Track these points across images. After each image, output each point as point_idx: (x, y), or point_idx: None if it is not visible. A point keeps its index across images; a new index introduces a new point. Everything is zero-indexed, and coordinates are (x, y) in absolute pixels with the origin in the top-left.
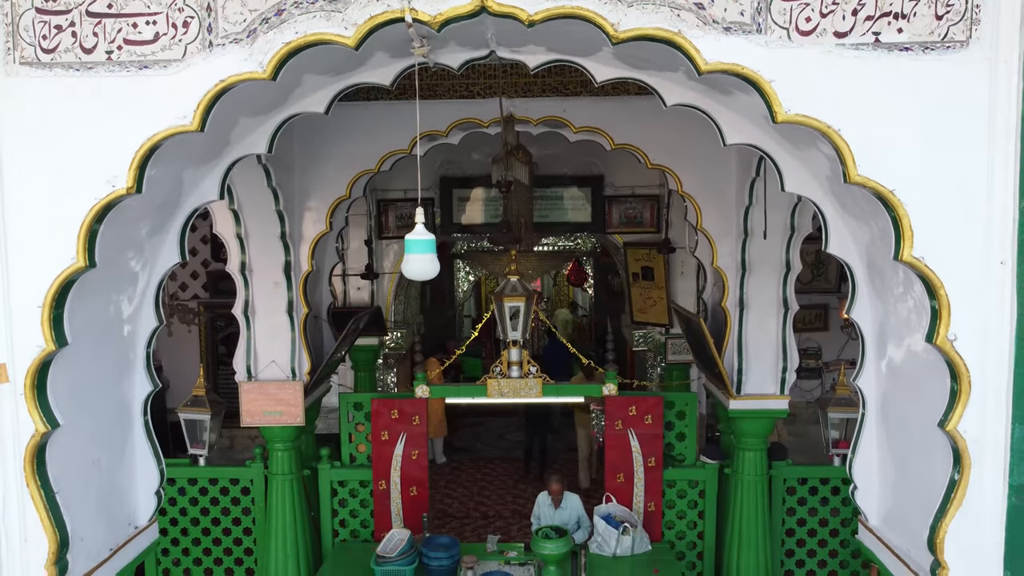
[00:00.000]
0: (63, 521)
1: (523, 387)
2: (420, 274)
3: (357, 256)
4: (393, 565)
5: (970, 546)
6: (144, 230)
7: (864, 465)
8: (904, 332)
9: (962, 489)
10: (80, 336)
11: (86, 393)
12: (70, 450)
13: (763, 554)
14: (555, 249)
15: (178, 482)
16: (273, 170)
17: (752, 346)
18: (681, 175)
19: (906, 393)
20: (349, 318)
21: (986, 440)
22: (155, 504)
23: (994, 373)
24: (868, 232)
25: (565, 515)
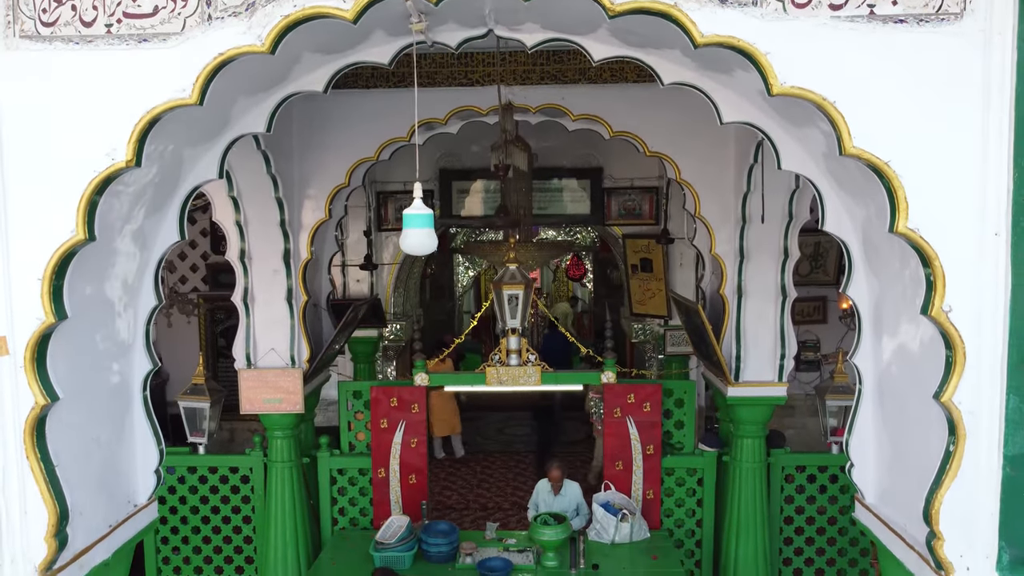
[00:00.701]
0: (63, 494)
1: (522, 375)
2: (418, 248)
3: (356, 248)
4: (392, 551)
5: (965, 517)
6: (143, 208)
7: (860, 442)
8: (900, 307)
9: (957, 460)
10: (80, 311)
11: (85, 369)
12: (69, 425)
13: (761, 542)
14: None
15: (178, 470)
16: (272, 157)
17: (750, 333)
18: (679, 162)
19: (902, 368)
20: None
21: (981, 411)
22: (154, 482)
23: (989, 344)
24: (864, 210)
25: (564, 502)
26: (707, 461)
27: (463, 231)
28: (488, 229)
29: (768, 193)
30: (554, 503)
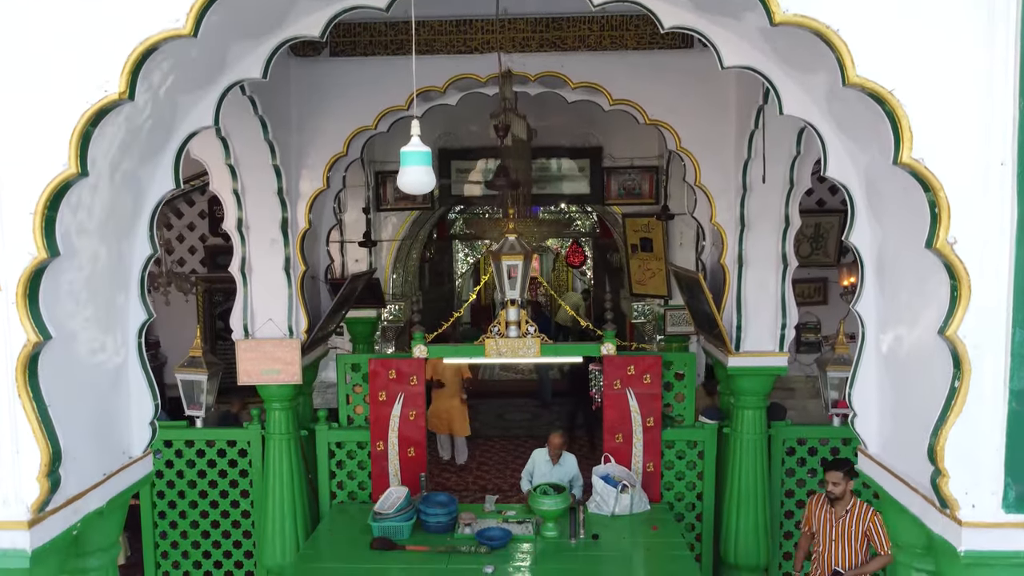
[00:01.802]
0: (55, 434)
1: (521, 347)
2: (416, 186)
3: (355, 228)
4: (390, 521)
5: (970, 453)
6: (137, 151)
7: (863, 392)
8: (903, 249)
9: (962, 396)
10: (72, 252)
11: (79, 313)
12: (62, 368)
13: (762, 515)
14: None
15: (175, 444)
16: (270, 123)
17: (751, 303)
18: (679, 130)
19: (905, 311)
20: None
21: (986, 345)
22: (149, 435)
23: (994, 276)
24: (867, 155)
25: (561, 472)
26: (708, 434)
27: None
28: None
29: (769, 160)
30: (551, 473)
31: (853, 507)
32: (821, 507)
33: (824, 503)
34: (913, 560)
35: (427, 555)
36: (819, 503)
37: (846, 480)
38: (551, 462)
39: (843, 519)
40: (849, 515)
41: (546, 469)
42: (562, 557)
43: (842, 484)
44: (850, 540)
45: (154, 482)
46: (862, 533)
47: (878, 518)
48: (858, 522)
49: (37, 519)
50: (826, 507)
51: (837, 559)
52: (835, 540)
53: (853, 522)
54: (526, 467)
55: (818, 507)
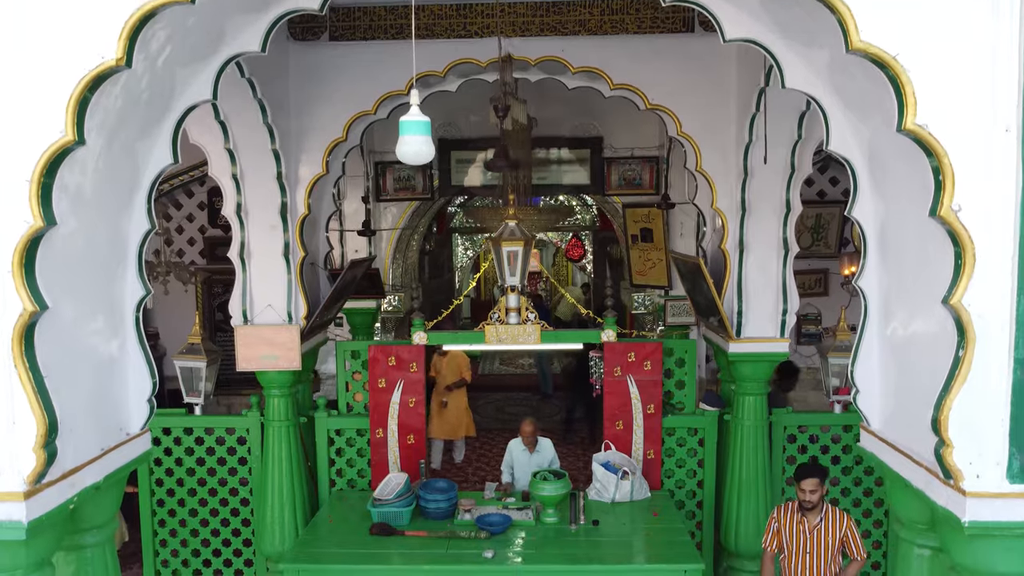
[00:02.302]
0: (51, 405)
1: (521, 334)
2: (414, 157)
3: (354, 218)
4: (390, 507)
5: (975, 423)
6: (135, 124)
7: (865, 368)
8: (906, 221)
9: (966, 365)
10: (70, 223)
11: (76, 286)
12: (59, 340)
13: (763, 503)
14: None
15: (174, 431)
16: (269, 107)
17: (752, 288)
18: (680, 115)
19: (909, 283)
20: None
21: (991, 313)
22: (147, 412)
23: (998, 244)
24: (870, 128)
25: (540, 458)
26: (708, 421)
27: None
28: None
29: (770, 145)
30: (530, 461)
31: (827, 515)
32: (790, 518)
33: (794, 514)
34: (916, 536)
35: (426, 540)
36: (788, 514)
37: (822, 487)
38: (527, 450)
39: (817, 529)
40: (824, 524)
41: (524, 458)
42: (562, 542)
43: (819, 491)
44: (826, 551)
45: (152, 469)
46: (839, 541)
47: (853, 523)
48: (834, 530)
49: (33, 491)
50: (796, 518)
51: (812, 573)
52: (809, 553)
53: (829, 531)
54: (504, 460)
55: (788, 519)
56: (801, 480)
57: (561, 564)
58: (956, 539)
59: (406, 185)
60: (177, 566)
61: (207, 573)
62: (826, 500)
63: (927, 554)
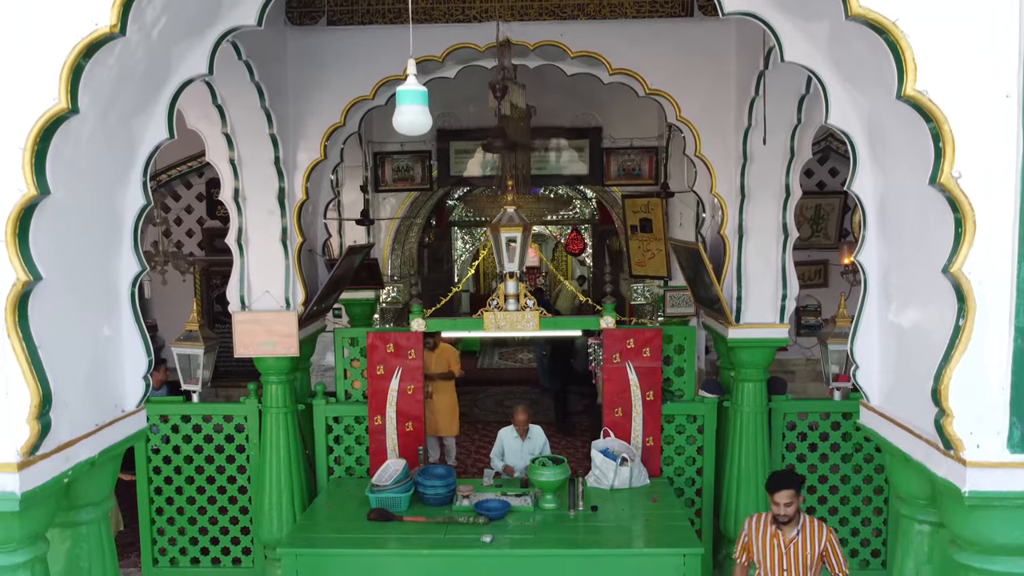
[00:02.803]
0: (45, 377)
1: (520, 320)
2: (411, 126)
3: (352, 209)
4: (388, 493)
5: (975, 392)
6: (130, 97)
7: (865, 344)
8: (906, 192)
9: (966, 333)
10: (64, 194)
11: (71, 259)
12: (53, 313)
13: (763, 490)
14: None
15: (171, 419)
16: (266, 91)
17: (751, 274)
18: (679, 100)
19: (909, 254)
20: None
21: (991, 281)
22: (143, 389)
23: (999, 211)
24: (870, 101)
25: (531, 445)
26: (708, 408)
27: (461, 205)
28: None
29: (770, 129)
30: (522, 449)
31: (804, 528)
32: (763, 531)
33: (767, 526)
34: (916, 512)
35: (424, 525)
36: (760, 526)
37: (798, 498)
38: (520, 438)
39: (794, 543)
40: (801, 537)
41: (516, 445)
42: (561, 527)
43: (795, 503)
44: (803, 566)
45: (150, 457)
46: (818, 555)
47: (834, 535)
48: (812, 543)
49: (27, 462)
50: (770, 530)
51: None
52: (786, 569)
53: (806, 544)
54: (494, 448)
55: (760, 531)
56: (775, 492)
57: (560, 548)
58: (956, 511)
59: (405, 176)
60: (175, 554)
61: (205, 561)
62: (803, 510)
63: (927, 530)
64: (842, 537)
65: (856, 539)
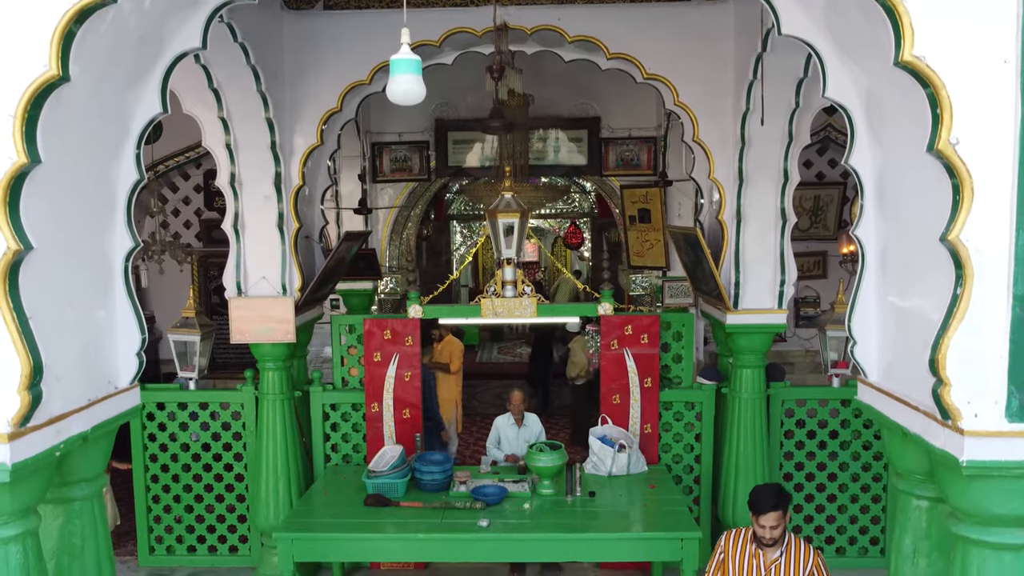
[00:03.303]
0: (36, 348)
1: (517, 307)
2: (405, 95)
3: (350, 199)
4: (385, 478)
5: (973, 361)
6: (123, 70)
7: (863, 319)
8: (904, 165)
9: (964, 302)
10: (55, 165)
11: (63, 231)
12: (45, 285)
13: (761, 477)
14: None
15: (167, 407)
16: (262, 74)
17: (750, 259)
18: (677, 85)
19: (907, 225)
20: None
21: (989, 248)
22: (136, 367)
23: (997, 178)
24: (868, 73)
25: (528, 433)
26: (706, 395)
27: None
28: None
29: (768, 113)
30: (518, 436)
31: (789, 548)
32: (742, 549)
33: (747, 544)
34: (914, 488)
35: (421, 511)
36: (738, 544)
37: (785, 518)
38: (516, 425)
39: (776, 564)
40: (784, 559)
41: (512, 433)
42: (558, 512)
43: (781, 525)
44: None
45: (146, 445)
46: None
47: (821, 558)
48: (797, 567)
49: (18, 433)
50: (750, 549)
51: None
52: None
53: (790, 568)
54: (490, 437)
55: (738, 549)
56: (760, 514)
57: (557, 532)
58: (954, 482)
59: (403, 166)
60: (171, 542)
61: (202, 549)
62: (789, 529)
63: (925, 505)
64: (840, 525)
65: (855, 527)
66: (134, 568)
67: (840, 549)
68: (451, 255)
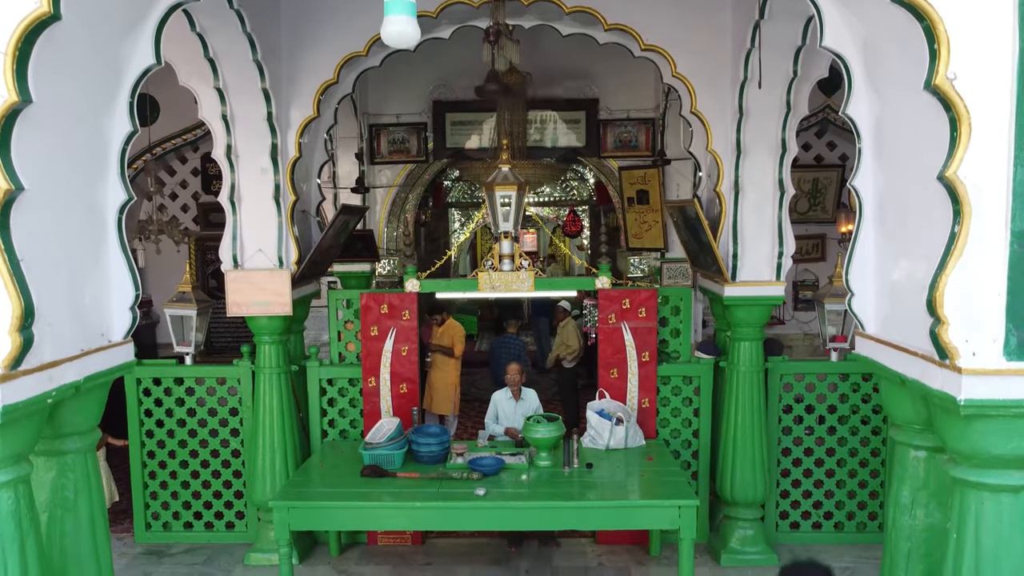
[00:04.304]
0: (27, 289)
1: (515, 280)
2: (399, 38)
3: (347, 181)
4: (382, 449)
5: (970, 299)
6: (117, 19)
7: (861, 270)
8: (902, 110)
9: (962, 239)
10: (49, 111)
11: (56, 177)
12: (37, 229)
13: (759, 452)
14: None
15: (164, 382)
16: (259, 46)
17: (748, 230)
18: (675, 56)
19: (903, 172)
20: None
21: (986, 185)
22: (130, 321)
23: (995, 112)
24: (862, 19)
25: (525, 407)
26: (704, 369)
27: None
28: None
29: (766, 84)
30: (515, 411)
31: None
32: None
33: None
34: (912, 438)
35: (418, 481)
36: None
37: None
38: (513, 399)
39: None
40: None
41: (510, 407)
42: (556, 482)
43: None
44: None
45: (142, 420)
46: None
47: None
48: None
49: (9, 376)
50: None
51: None
52: None
53: None
54: (488, 412)
55: None
56: None
57: (555, 500)
58: (952, 425)
59: (400, 148)
60: (168, 519)
61: (198, 526)
62: None
63: (923, 455)
64: (838, 500)
65: (853, 502)
66: (130, 544)
67: (838, 524)
68: (449, 241)
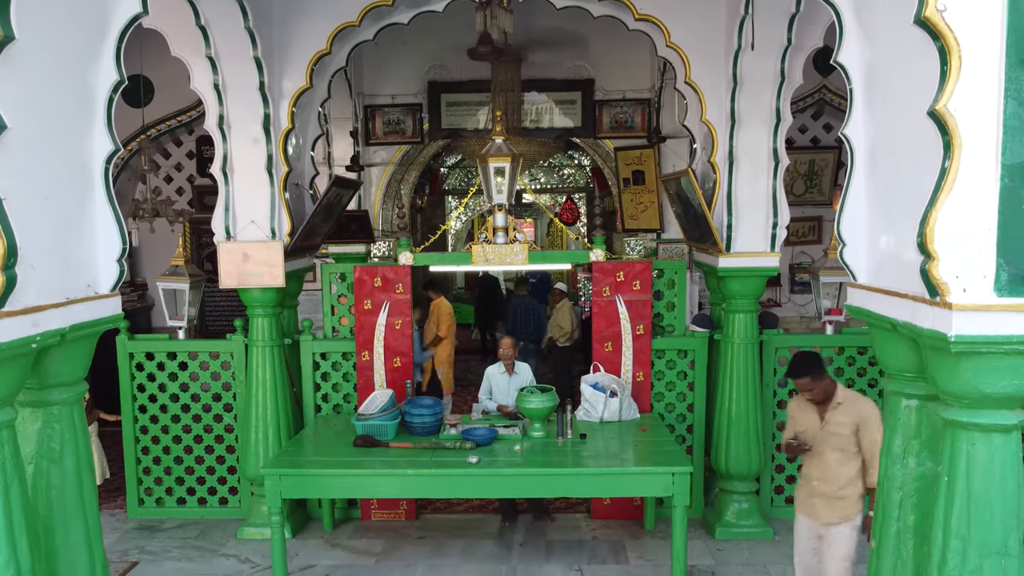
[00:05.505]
0: (11, 229)
1: (508, 253)
2: None
3: (343, 161)
4: (375, 420)
5: (961, 234)
6: None
7: (852, 220)
8: (894, 55)
9: (952, 173)
10: (32, 52)
11: (40, 119)
12: (20, 170)
13: (754, 425)
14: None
15: (157, 357)
16: (251, 14)
17: (742, 201)
18: (669, 26)
19: (894, 116)
20: None
21: (976, 118)
22: (117, 274)
23: (985, 44)
24: None
25: (519, 381)
26: (699, 342)
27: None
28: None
29: (760, 53)
30: (509, 385)
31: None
32: (804, 406)
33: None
34: (904, 387)
35: (411, 451)
36: (800, 401)
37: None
38: (507, 373)
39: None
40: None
41: (503, 382)
42: (549, 452)
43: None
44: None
45: (135, 395)
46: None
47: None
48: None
49: None
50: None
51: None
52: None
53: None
54: (482, 387)
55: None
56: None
57: (548, 468)
58: (944, 364)
59: (395, 129)
60: (161, 494)
61: (191, 501)
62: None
63: (915, 404)
64: None
65: None
66: (123, 520)
67: None
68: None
